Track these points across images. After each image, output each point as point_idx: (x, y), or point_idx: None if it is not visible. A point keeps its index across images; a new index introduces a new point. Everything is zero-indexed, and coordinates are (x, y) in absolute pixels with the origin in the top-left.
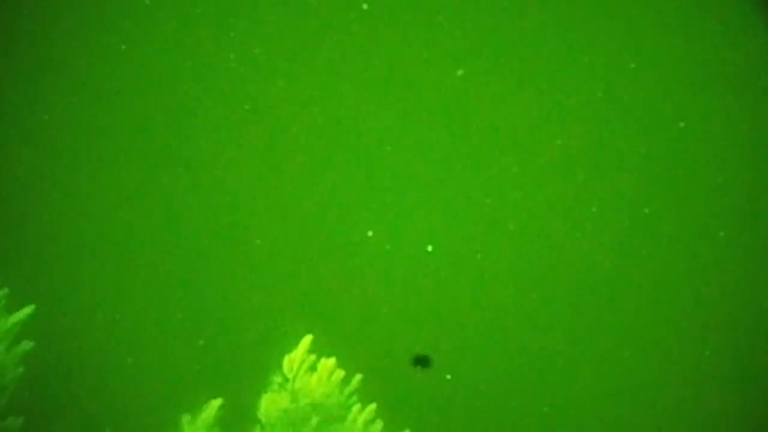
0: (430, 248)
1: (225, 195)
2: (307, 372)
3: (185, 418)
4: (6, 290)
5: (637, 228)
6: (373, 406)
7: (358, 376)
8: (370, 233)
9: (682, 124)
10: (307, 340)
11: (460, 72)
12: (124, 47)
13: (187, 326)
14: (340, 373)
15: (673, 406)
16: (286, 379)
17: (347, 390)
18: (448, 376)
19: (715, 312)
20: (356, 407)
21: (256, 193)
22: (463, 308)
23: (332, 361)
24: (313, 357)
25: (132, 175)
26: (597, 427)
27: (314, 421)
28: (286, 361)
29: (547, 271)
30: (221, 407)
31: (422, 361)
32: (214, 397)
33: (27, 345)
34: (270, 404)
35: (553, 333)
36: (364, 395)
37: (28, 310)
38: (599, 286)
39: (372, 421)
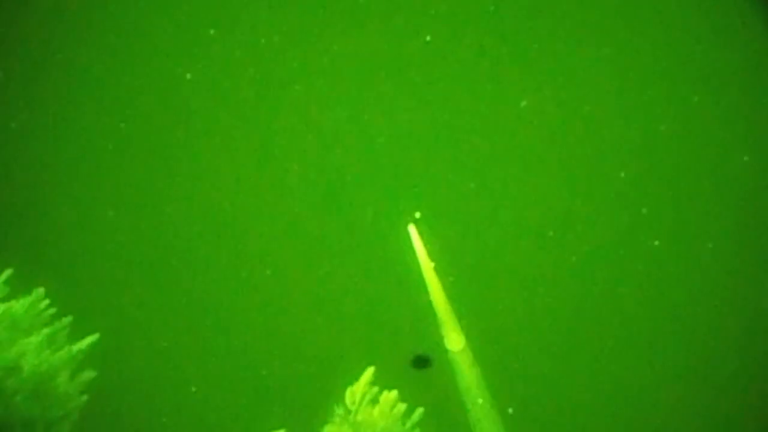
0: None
1: (299, 234)
2: (369, 404)
3: None
4: (70, 318)
5: (636, 227)
6: None
7: (420, 410)
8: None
9: (682, 124)
10: (369, 373)
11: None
12: (127, 51)
13: (251, 357)
14: (402, 407)
15: (672, 405)
16: (349, 412)
17: (409, 423)
18: (510, 410)
19: (716, 312)
20: None
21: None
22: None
23: (394, 393)
24: (375, 389)
25: (197, 218)
26: (597, 427)
27: None
28: (348, 393)
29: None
30: None
31: (422, 362)
32: (278, 428)
33: (90, 373)
34: None
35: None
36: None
37: (91, 339)
38: (601, 287)
39: None
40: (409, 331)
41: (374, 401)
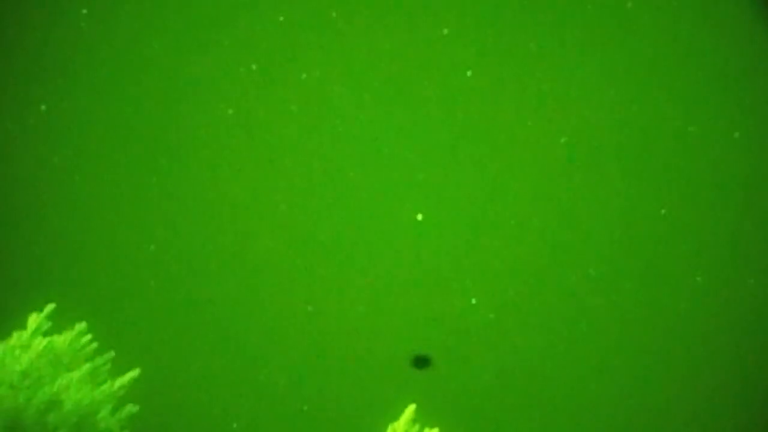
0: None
1: (335, 263)
2: None
3: None
4: (112, 353)
5: (635, 227)
6: None
7: None
8: (473, 300)
9: (683, 124)
10: (410, 410)
11: (469, 73)
12: (128, 50)
13: (291, 392)
14: None
15: (672, 405)
16: None
17: None
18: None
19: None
20: None
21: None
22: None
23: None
24: (416, 427)
25: (246, 260)
26: (597, 427)
27: None
28: (389, 430)
29: (577, 274)
30: None
31: (422, 362)
32: None
33: (132, 408)
34: None
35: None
36: None
37: (133, 373)
38: (603, 288)
39: None
40: (409, 332)
41: None
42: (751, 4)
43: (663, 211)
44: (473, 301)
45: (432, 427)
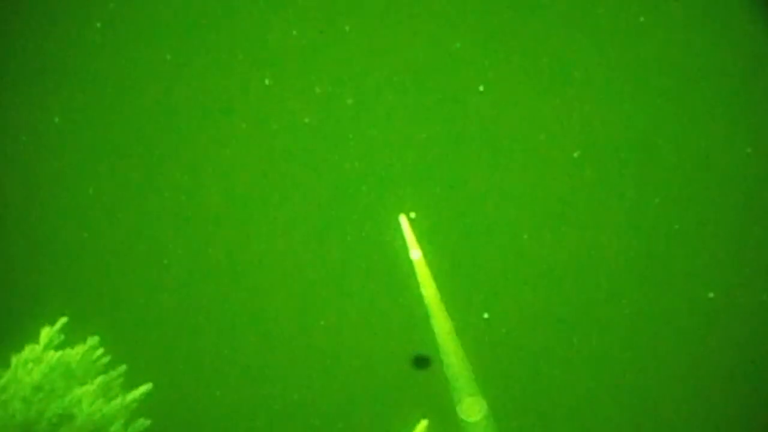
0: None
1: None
2: None
3: None
4: (125, 367)
5: (648, 242)
6: None
7: None
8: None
9: (698, 140)
10: (423, 425)
11: (481, 87)
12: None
13: (303, 408)
14: None
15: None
16: None
17: None
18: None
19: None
20: None
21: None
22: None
23: None
24: None
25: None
26: (597, 427)
27: None
28: None
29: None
30: None
31: (422, 362)
32: None
33: (144, 422)
34: None
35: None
36: None
37: (145, 388)
38: (616, 302)
39: None
40: (410, 332)
41: None
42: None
43: (676, 226)
44: (485, 316)
45: None
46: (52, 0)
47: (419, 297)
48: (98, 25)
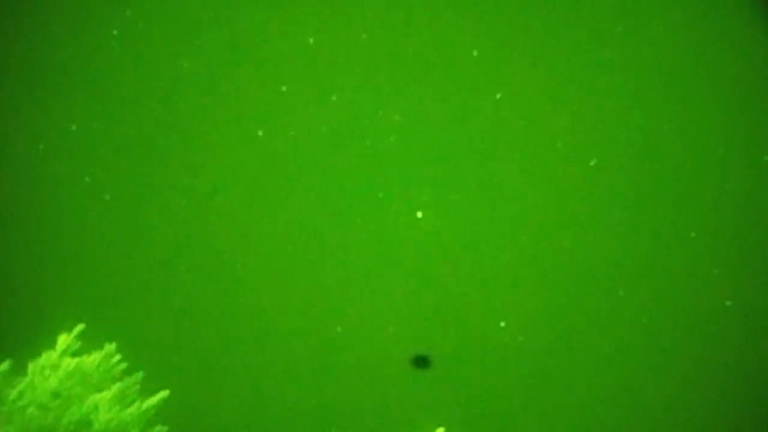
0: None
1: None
2: None
3: None
4: (141, 374)
5: (665, 249)
6: None
7: None
8: (502, 324)
9: (715, 147)
10: None
11: (498, 95)
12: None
13: (323, 414)
14: None
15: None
16: None
17: None
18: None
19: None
20: None
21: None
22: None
23: None
24: None
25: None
26: (597, 427)
27: None
28: None
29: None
30: None
31: (422, 362)
32: None
33: (161, 430)
34: None
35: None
36: None
37: (162, 394)
38: (631, 310)
39: None
40: (410, 331)
41: None
42: (752, 4)
43: (693, 234)
44: (502, 324)
45: None
46: (69, 8)
47: (436, 303)
48: (115, 32)
